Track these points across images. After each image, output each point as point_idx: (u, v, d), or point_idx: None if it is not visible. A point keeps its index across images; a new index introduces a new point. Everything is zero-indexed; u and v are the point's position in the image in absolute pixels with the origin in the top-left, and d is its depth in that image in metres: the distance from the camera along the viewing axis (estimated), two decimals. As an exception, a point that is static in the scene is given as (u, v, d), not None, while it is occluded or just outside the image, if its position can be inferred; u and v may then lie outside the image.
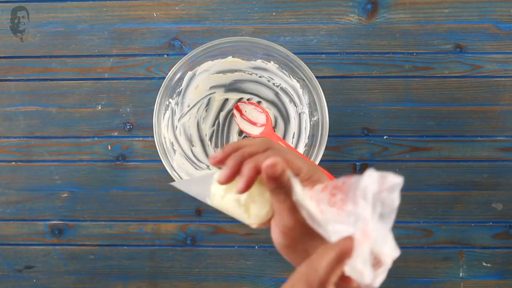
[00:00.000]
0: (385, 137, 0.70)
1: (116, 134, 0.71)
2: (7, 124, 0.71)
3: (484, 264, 0.70)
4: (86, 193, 0.71)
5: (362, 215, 0.34)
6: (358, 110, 0.70)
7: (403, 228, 0.70)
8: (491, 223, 0.70)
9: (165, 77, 0.63)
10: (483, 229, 0.70)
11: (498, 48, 0.69)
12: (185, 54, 0.70)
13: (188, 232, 0.71)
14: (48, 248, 0.72)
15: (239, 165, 0.38)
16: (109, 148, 0.71)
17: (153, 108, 0.60)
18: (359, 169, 0.70)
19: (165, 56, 0.70)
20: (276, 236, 0.40)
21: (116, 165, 0.71)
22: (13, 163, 0.71)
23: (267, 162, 0.36)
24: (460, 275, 0.70)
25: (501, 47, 0.69)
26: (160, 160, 0.69)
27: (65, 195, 0.71)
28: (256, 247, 0.71)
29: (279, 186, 0.37)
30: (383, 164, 0.70)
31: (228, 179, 0.39)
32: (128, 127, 0.71)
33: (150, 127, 0.70)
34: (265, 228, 0.43)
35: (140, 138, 0.71)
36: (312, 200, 0.37)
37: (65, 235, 0.71)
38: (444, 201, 0.70)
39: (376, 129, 0.70)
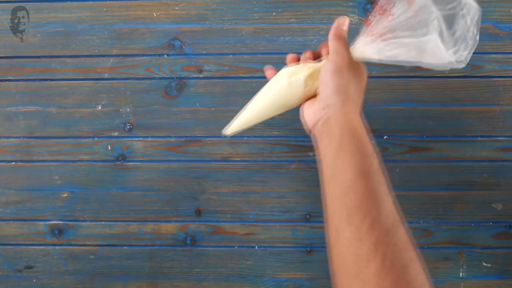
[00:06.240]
0: (385, 137, 0.70)
1: (116, 134, 0.71)
2: (7, 124, 0.71)
3: (484, 264, 0.70)
4: (86, 193, 0.71)
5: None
6: (358, 110, 0.70)
7: (403, 228, 0.70)
8: (491, 223, 0.70)
9: (165, 77, 0.62)
10: (483, 229, 0.70)
11: (498, 48, 0.69)
12: (185, 55, 0.70)
13: (188, 232, 0.71)
14: (48, 248, 0.72)
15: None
16: (109, 148, 0.71)
17: (153, 108, 0.59)
18: (359, 169, 0.70)
19: (165, 56, 0.70)
20: (308, 114, 0.53)
21: (116, 165, 0.71)
22: (13, 163, 0.71)
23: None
24: (460, 275, 0.70)
25: (501, 47, 0.69)
26: (160, 160, 0.69)
27: (65, 195, 0.71)
28: (256, 247, 0.71)
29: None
30: (383, 164, 0.70)
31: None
32: (128, 127, 0.71)
33: (150, 127, 0.71)
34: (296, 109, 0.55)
35: (140, 138, 0.71)
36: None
37: (65, 235, 0.71)
38: (444, 201, 0.70)
39: (376, 129, 0.70)
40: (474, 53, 0.69)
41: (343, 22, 0.54)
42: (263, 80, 0.70)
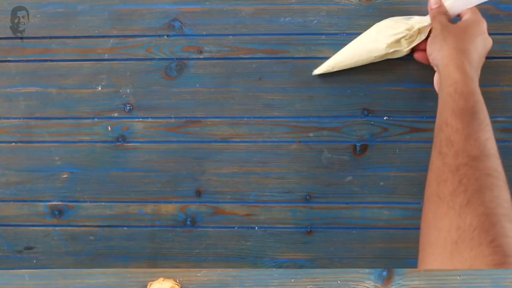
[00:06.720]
0: (385, 118, 0.70)
1: (116, 115, 0.71)
2: (7, 105, 0.71)
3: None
4: (86, 174, 0.71)
5: None
6: (358, 91, 0.70)
7: (403, 209, 0.70)
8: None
9: (165, 58, 0.62)
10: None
11: (498, 29, 0.69)
12: (185, 35, 0.70)
13: (188, 213, 0.71)
14: (48, 229, 0.72)
15: None
16: (109, 129, 0.71)
17: (153, 89, 0.59)
18: (359, 150, 0.70)
19: (165, 37, 0.70)
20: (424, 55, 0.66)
21: (116, 146, 0.71)
22: (13, 144, 0.71)
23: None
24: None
25: (501, 28, 0.69)
26: (160, 141, 0.69)
27: (65, 176, 0.71)
28: (256, 228, 0.71)
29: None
30: (383, 144, 0.70)
31: None
32: (128, 108, 0.71)
33: (150, 108, 0.71)
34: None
35: (140, 119, 0.71)
36: None
37: (65, 216, 0.71)
38: (444, 182, 0.70)
39: (376, 110, 0.70)
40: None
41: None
42: (263, 60, 0.71)
